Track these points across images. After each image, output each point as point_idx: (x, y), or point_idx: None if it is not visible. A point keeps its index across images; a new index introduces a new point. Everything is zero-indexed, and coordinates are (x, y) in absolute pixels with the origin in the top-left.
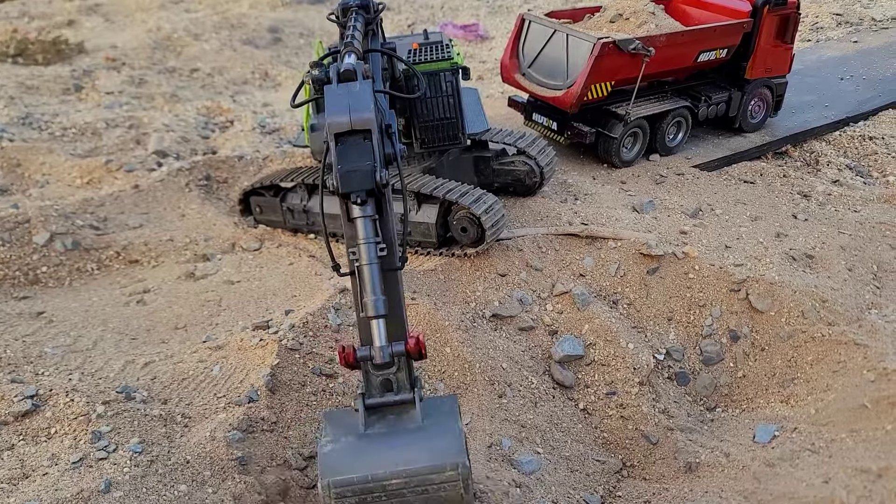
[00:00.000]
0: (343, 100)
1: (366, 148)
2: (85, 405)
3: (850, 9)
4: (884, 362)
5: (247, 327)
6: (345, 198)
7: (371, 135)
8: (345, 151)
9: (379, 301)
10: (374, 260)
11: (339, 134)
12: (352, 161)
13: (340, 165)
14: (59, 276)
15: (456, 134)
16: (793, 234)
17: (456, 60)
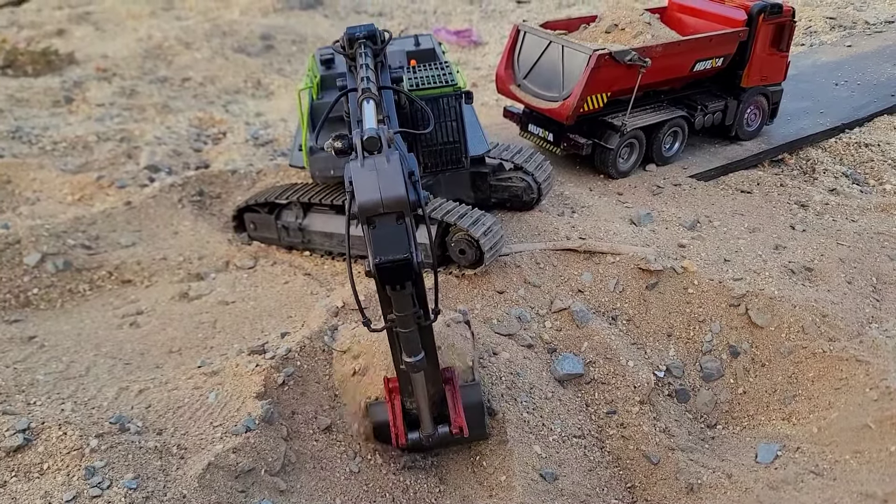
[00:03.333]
0: (372, 179)
1: (400, 232)
2: (78, 439)
3: (843, 12)
4: (886, 380)
5: (242, 351)
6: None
7: (404, 215)
8: (378, 238)
9: (417, 362)
10: (412, 327)
11: (369, 217)
12: (387, 251)
13: (377, 257)
14: (50, 298)
15: (459, 157)
16: (791, 247)
17: (459, 85)
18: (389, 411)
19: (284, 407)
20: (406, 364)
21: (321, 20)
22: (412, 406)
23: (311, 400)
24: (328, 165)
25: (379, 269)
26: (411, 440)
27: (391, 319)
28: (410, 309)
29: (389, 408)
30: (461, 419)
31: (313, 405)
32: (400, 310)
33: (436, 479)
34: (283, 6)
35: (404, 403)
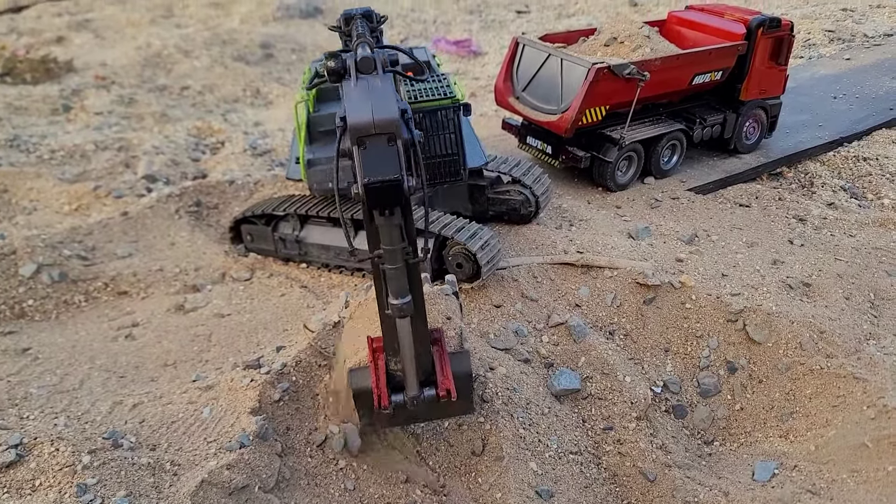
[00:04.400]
0: (365, 98)
1: (390, 154)
2: (70, 455)
3: (842, 25)
4: (884, 398)
5: (237, 365)
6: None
7: (396, 137)
8: (368, 158)
9: (404, 305)
10: (399, 264)
11: (360, 137)
12: (377, 170)
13: (366, 177)
14: (45, 310)
15: (457, 169)
16: (789, 261)
17: (458, 97)
18: (372, 371)
19: (279, 422)
20: (392, 308)
21: (321, 29)
22: (397, 367)
23: (306, 415)
24: (326, 178)
25: (368, 190)
26: (394, 402)
27: (378, 255)
28: (399, 243)
29: (372, 367)
30: (449, 381)
31: (308, 421)
32: (388, 242)
33: (432, 497)
34: (282, 15)
35: (388, 364)
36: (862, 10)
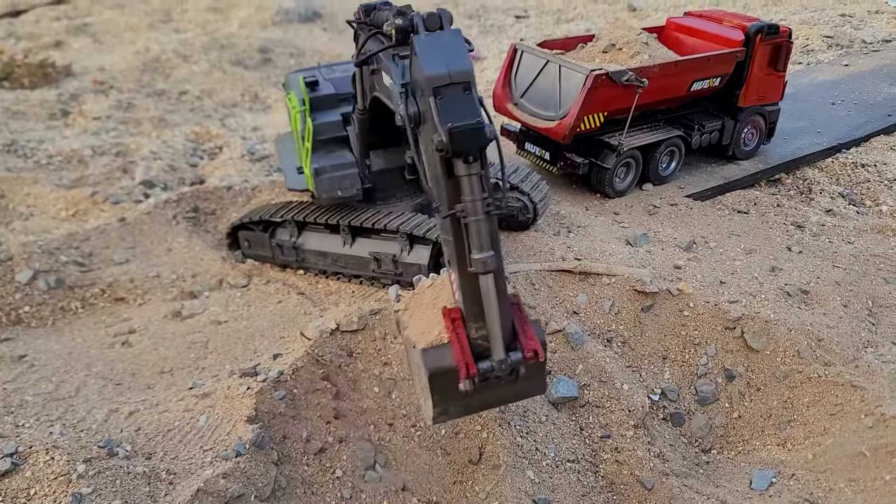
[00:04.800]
0: (437, 51)
1: (469, 101)
2: (65, 464)
3: (840, 31)
4: (881, 407)
5: (234, 372)
6: (455, 156)
7: (471, 86)
8: (447, 106)
9: (489, 258)
10: (482, 216)
11: (437, 87)
12: (458, 117)
13: (450, 122)
14: (41, 316)
15: None
16: (787, 269)
17: None
18: (454, 340)
19: (275, 431)
20: (476, 263)
21: (320, 34)
22: (479, 334)
23: (303, 423)
24: (335, 186)
25: (452, 135)
26: (482, 370)
27: (459, 210)
28: (480, 193)
29: (454, 336)
30: (535, 342)
31: (305, 429)
32: (469, 193)
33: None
34: (281, 19)
35: (469, 332)
36: (860, 16)
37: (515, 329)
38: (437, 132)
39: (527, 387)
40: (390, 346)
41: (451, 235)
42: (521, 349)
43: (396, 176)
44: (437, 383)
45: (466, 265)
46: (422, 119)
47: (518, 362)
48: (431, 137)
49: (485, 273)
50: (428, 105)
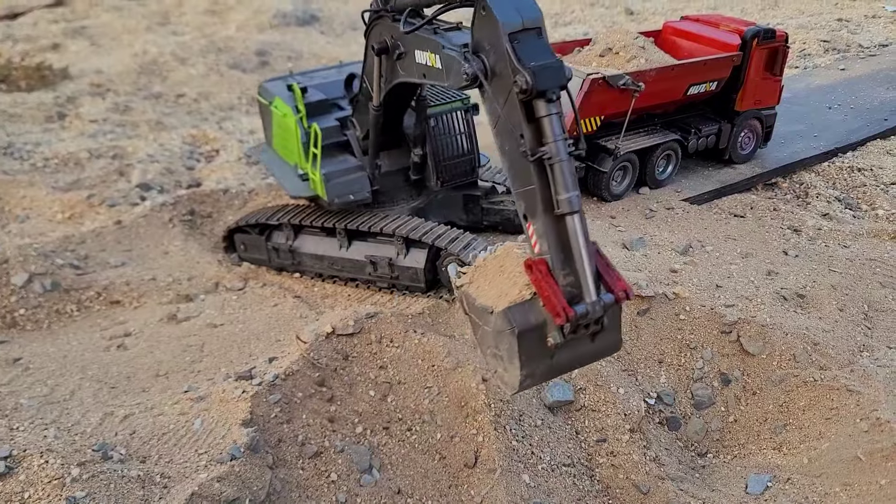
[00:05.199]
0: (508, 2)
1: (543, 44)
2: (59, 468)
3: (837, 35)
4: (877, 411)
5: (229, 376)
6: (538, 97)
7: (542, 32)
8: (525, 49)
9: (574, 197)
10: (566, 156)
11: (512, 33)
12: (538, 58)
13: (532, 62)
14: (37, 319)
15: (473, 168)
16: (784, 273)
17: (468, 98)
18: (545, 287)
19: (270, 434)
20: (563, 203)
21: (317, 37)
22: (566, 281)
23: (298, 427)
24: (346, 190)
25: (536, 73)
26: (579, 314)
27: (543, 152)
28: (561, 133)
29: (544, 285)
30: (623, 282)
31: (300, 432)
32: (551, 134)
33: None
34: (279, 22)
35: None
36: (857, 20)
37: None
38: (520, 74)
39: (604, 344)
40: (386, 349)
41: (533, 182)
42: (611, 290)
43: (400, 178)
44: (524, 342)
45: (552, 210)
46: (491, 73)
47: (610, 304)
48: (510, 83)
49: (571, 213)
50: (503, 53)
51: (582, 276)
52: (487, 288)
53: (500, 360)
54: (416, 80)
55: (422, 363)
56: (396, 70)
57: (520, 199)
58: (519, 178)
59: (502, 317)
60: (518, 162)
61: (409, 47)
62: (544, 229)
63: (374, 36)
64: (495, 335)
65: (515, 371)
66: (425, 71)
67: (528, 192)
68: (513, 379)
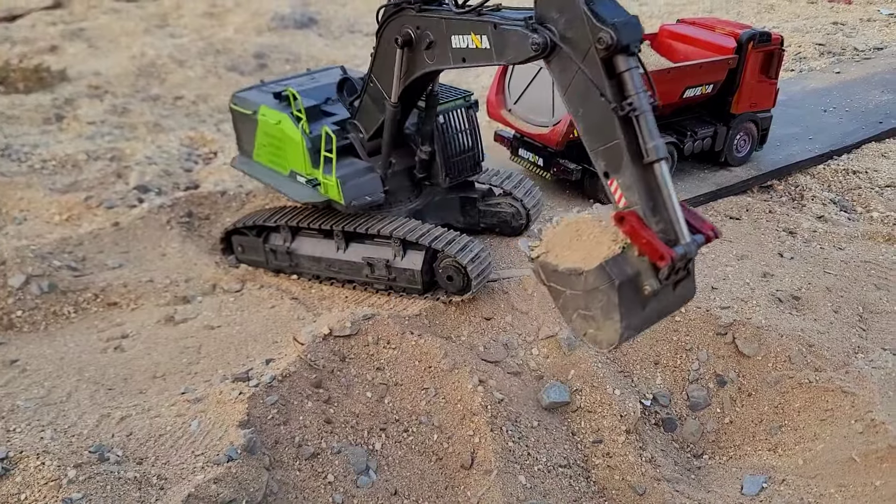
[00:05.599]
0: None
1: (615, 3)
2: (56, 469)
3: (832, 38)
4: (872, 413)
5: (226, 377)
6: (620, 52)
7: None
8: (602, 9)
9: (661, 144)
10: (648, 107)
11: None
12: (615, 15)
13: (613, 18)
14: (34, 321)
15: (477, 163)
16: (779, 274)
17: (471, 95)
18: (643, 235)
19: (267, 436)
20: (652, 150)
21: (315, 39)
22: (658, 228)
23: (295, 428)
24: (362, 191)
25: (618, 28)
26: (679, 255)
27: (627, 105)
28: (642, 85)
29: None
30: (709, 224)
31: (297, 434)
32: (634, 87)
33: None
34: (277, 25)
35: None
36: (852, 24)
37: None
38: (603, 31)
39: (684, 292)
40: (383, 351)
41: (619, 136)
42: (699, 231)
43: (405, 178)
44: (624, 293)
45: (640, 160)
46: (561, 39)
47: (702, 243)
48: (588, 45)
49: (658, 161)
50: (579, 16)
51: (675, 220)
52: (568, 253)
53: (592, 320)
54: (449, 67)
55: (419, 364)
56: (422, 61)
57: (600, 157)
58: (601, 136)
59: (598, 272)
60: (599, 120)
61: (443, 34)
62: (632, 180)
63: (392, 30)
64: (587, 295)
65: (614, 325)
66: (466, 54)
67: (611, 148)
68: (610, 334)
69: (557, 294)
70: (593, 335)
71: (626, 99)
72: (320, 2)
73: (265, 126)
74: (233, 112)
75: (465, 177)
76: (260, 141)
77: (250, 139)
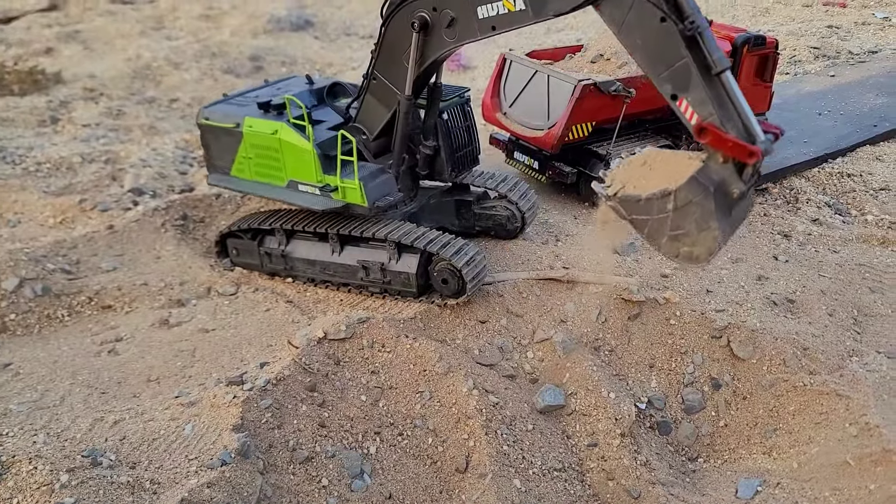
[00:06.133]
0: None
1: None
2: (48, 474)
3: (827, 42)
4: (866, 416)
5: (221, 381)
6: None
7: None
8: None
9: (724, 55)
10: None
11: None
12: None
13: None
14: (27, 324)
15: (476, 156)
16: (774, 277)
17: (465, 92)
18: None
19: (261, 440)
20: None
21: (311, 42)
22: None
23: (289, 432)
24: (383, 192)
25: None
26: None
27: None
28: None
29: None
30: (770, 124)
31: (291, 438)
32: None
33: None
34: (273, 27)
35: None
36: (847, 27)
37: None
38: None
39: (747, 204)
40: (378, 354)
41: (684, 55)
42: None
43: (408, 176)
44: (717, 199)
45: (708, 73)
46: None
47: (773, 139)
48: None
49: (724, 70)
50: None
51: (748, 121)
52: (647, 182)
53: (685, 237)
54: (474, 40)
55: (413, 368)
56: (439, 42)
57: (666, 81)
58: (664, 60)
59: (690, 186)
60: (661, 46)
61: (467, 7)
62: (704, 94)
63: (401, 20)
64: (678, 213)
65: (711, 233)
66: (495, 22)
67: (677, 69)
68: (708, 244)
69: (642, 224)
70: (688, 252)
71: (686, 19)
72: (316, 4)
73: (253, 138)
74: (204, 128)
75: (467, 171)
76: (243, 154)
77: (228, 154)
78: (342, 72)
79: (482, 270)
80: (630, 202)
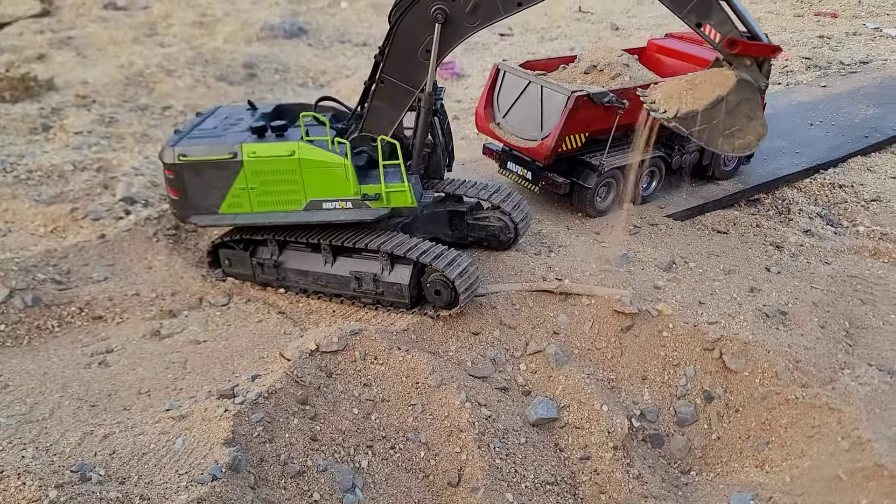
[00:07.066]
0: None
1: None
2: (37, 489)
3: (818, 52)
4: (858, 430)
5: (212, 394)
6: None
7: None
8: None
9: None
10: None
11: None
12: None
13: None
14: (17, 335)
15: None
16: (766, 289)
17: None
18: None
19: (252, 454)
20: None
21: (305, 49)
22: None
23: (280, 446)
24: (419, 192)
25: None
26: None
27: None
28: None
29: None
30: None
31: (283, 451)
32: None
33: None
34: (266, 35)
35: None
36: (838, 37)
37: None
38: None
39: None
40: (370, 367)
41: None
42: None
43: None
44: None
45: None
46: None
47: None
48: None
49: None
50: None
51: (755, 27)
52: (696, 96)
53: (739, 132)
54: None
55: (406, 380)
56: (460, 29)
57: (691, 13)
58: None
59: (738, 87)
60: None
61: None
62: (723, 14)
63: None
64: (730, 113)
65: (760, 121)
66: None
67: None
68: (759, 130)
69: (701, 133)
70: (743, 143)
71: None
72: (310, 12)
73: (258, 165)
74: (182, 166)
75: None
76: (241, 186)
77: (216, 191)
78: (336, 79)
79: (475, 282)
80: (691, 116)
